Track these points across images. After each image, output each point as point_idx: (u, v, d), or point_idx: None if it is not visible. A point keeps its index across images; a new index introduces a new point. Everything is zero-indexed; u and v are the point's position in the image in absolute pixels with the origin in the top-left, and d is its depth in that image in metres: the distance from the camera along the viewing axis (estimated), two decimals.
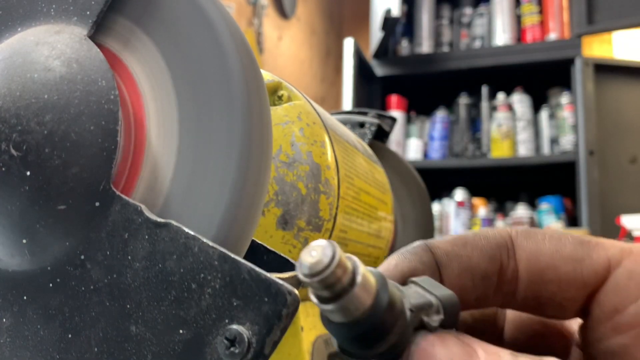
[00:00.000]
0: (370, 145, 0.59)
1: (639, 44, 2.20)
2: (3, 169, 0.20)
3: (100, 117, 0.20)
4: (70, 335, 0.20)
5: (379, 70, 2.05)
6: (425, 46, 2.06)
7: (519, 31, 1.98)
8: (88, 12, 0.22)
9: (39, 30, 0.22)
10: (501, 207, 2.02)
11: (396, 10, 1.75)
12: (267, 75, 0.37)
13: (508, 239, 0.21)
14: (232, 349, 0.17)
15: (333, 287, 0.15)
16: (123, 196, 0.20)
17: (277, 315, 0.17)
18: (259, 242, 0.23)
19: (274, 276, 0.18)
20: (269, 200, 0.34)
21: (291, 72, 2.46)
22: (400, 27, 2.07)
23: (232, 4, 1.97)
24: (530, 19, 1.95)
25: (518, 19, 1.99)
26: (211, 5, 0.21)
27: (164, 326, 0.19)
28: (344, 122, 0.60)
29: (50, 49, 0.21)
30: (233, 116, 0.20)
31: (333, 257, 0.15)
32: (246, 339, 0.17)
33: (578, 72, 1.75)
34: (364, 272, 0.16)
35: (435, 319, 0.17)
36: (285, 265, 0.22)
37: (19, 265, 0.21)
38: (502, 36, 1.97)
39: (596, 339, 0.21)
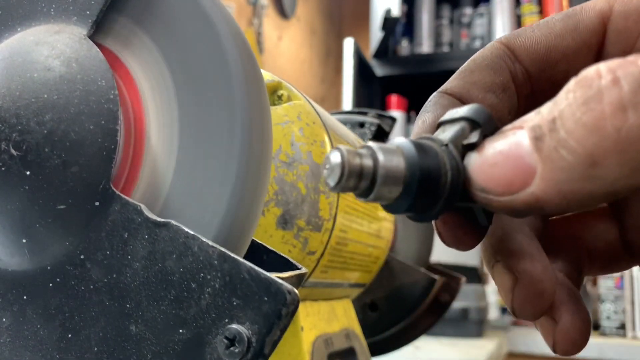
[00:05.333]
0: None
1: None
2: (3, 168, 0.20)
3: (100, 117, 0.20)
4: (70, 335, 0.20)
5: (379, 70, 2.05)
6: (425, 46, 2.06)
7: None
8: (88, 12, 0.22)
9: (38, 30, 0.22)
10: None
11: (396, 10, 1.75)
12: (267, 75, 0.37)
13: (503, 47, 0.21)
14: (232, 348, 0.17)
15: (360, 184, 0.16)
16: (123, 196, 0.20)
17: (277, 314, 0.17)
18: (259, 242, 0.23)
19: (274, 276, 0.18)
20: (269, 200, 0.34)
21: (291, 72, 2.46)
22: (400, 27, 2.07)
23: (232, 4, 1.97)
24: (530, 19, 1.95)
25: (518, 19, 1.99)
26: (211, 5, 0.21)
27: (164, 326, 0.19)
28: (344, 122, 0.60)
29: (50, 48, 0.21)
30: (233, 116, 0.20)
31: (343, 166, 0.16)
32: (246, 339, 0.17)
33: None
34: (384, 151, 0.16)
35: (474, 135, 0.17)
36: (285, 265, 0.22)
37: (19, 265, 0.21)
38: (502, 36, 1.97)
39: None
